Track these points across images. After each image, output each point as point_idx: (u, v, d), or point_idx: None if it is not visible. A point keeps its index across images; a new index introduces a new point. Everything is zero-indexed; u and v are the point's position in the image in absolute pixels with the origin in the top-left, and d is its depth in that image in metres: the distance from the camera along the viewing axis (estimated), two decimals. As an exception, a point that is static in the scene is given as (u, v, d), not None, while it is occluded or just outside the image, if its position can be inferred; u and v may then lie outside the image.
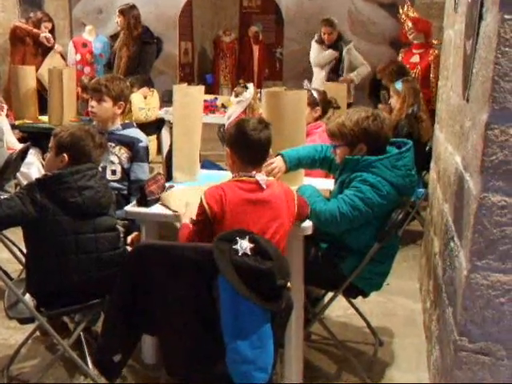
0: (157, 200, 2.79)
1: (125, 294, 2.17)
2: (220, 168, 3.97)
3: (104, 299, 2.56)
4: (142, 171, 3.39)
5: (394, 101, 4.82)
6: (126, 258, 2.34)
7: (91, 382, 2.74)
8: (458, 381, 2.06)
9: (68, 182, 2.51)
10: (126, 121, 3.68)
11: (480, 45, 2.09)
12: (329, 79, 6.28)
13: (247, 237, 2.04)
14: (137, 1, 6.50)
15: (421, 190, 4.80)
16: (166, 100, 6.87)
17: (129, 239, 3.06)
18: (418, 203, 4.86)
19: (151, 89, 6.03)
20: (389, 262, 2.89)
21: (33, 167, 4.61)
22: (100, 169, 2.93)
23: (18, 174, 4.10)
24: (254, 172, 2.39)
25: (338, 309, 3.42)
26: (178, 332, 2.11)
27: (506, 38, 1.82)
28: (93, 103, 3.40)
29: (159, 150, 6.34)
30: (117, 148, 3.35)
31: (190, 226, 2.41)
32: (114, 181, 3.31)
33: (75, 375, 2.83)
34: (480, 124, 1.97)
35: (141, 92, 5.78)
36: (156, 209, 2.75)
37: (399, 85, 4.79)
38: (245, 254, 2.00)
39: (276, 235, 2.37)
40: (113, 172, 3.35)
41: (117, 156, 3.34)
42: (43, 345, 3.07)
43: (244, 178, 2.38)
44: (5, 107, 4.87)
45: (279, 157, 2.88)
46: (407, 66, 5.80)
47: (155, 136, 6.17)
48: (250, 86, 5.16)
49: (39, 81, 5.75)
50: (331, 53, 6.47)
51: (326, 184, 3.06)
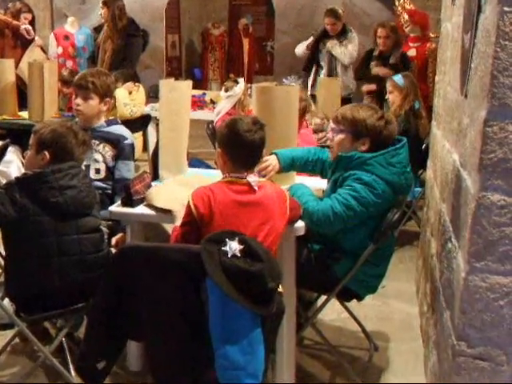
0: (142, 200, 2.78)
1: (109, 298, 2.16)
2: (209, 166, 3.96)
3: (87, 303, 2.55)
4: (128, 170, 3.38)
5: (394, 96, 4.82)
6: (111, 260, 2.33)
7: (74, 391, 2.73)
8: (456, 387, 2.07)
9: (49, 182, 2.50)
10: (111, 117, 3.67)
11: (479, 38, 2.10)
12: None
13: (236, 238, 2.04)
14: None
15: (417, 189, 4.82)
16: (153, 95, 6.84)
17: (113, 241, 3.05)
18: (415, 203, 4.89)
19: (137, 84, 6.01)
20: (384, 264, 2.90)
21: (12, 165, 4.59)
22: (83, 167, 2.92)
23: (-3, 173, 4.09)
24: (246, 173, 2.38)
25: (332, 313, 3.43)
26: (165, 337, 2.11)
27: (506, 32, 1.83)
28: (78, 101, 3.37)
29: (145, 148, 6.33)
30: (101, 146, 3.34)
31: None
32: (98, 180, 3.30)
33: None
34: (478, 120, 1.98)
35: (126, 87, 5.77)
36: (142, 209, 2.74)
37: (401, 80, 4.79)
38: (234, 256, 2.00)
39: (268, 238, 2.36)
40: (97, 171, 3.33)
41: (101, 154, 3.33)
42: (23, 352, 3.06)
43: (234, 180, 2.37)
44: None
45: (273, 155, 2.89)
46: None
47: (141, 133, 6.15)
48: (241, 81, 5.17)
49: (18, 75, 5.72)
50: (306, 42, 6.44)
51: (319, 183, 3.07)
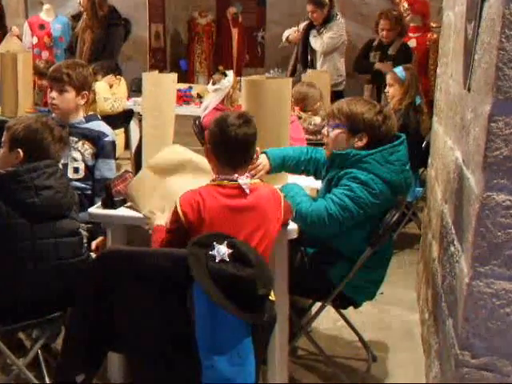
0: (124, 201, 2.77)
1: (88, 306, 2.16)
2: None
3: (65, 312, 2.54)
4: (108, 169, 3.37)
5: (394, 90, 4.83)
6: (90, 266, 2.32)
7: (50, 406, 2.72)
8: (459, 400, 2.07)
9: (24, 181, 2.48)
10: (90, 112, 3.65)
11: (483, 28, 2.11)
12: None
13: (225, 241, 2.04)
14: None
15: (418, 189, 4.83)
16: (135, 89, 6.83)
17: (93, 245, 3.04)
18: (415, 203, 4.91)
19: (118, 76, 6.00)
20: (382, 269, 2.90)
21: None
22: (61, 166, 2.91)
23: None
24: (236, 175, 2.36)
25: (327, 321, 3.43)
26: (148, 348, 2.11)
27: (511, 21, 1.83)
28: (53, 94, 3.36)
29: (127, 145, 6.32)
30: (80, 143, 3.32)
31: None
32: (77, 180, 3.29)
33: (32, 398, 2.80)
34: (482, 116, 1.98)
35: (106, 80, 5.75)
36: (123, 210, 2.73)
37: (402, 73, 4.80)
38: (222, 261, 2.00)
39: (261, 245, 2.36)
40: (75, 170, 3.32)
41: (80, 152, 3.32)
42: (-4, 364, 3.04)
43: (225, 183, 2.36)
44: None
45: (263, 155, 2.89)
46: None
47: (122, 129, 6.14)
48: (230, 74, 5.16)
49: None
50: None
51: (313, 182, 3.07)
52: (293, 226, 2.61)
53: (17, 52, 5.49)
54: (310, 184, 3.04)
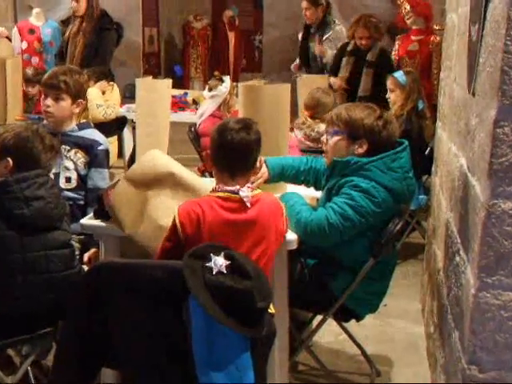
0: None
1: (80, 321, 2.15)
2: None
3: (56, 327, 2.53)
4: (102, 178, 3.36)
5: (395, 95, 4.83)
6: (82, 279, 2.32)
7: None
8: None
9: (13, 192, 2.48)
10: (82, 120, 3.65)
11: (487, 30, 2.12)
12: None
13: (222, 253, 2.04)
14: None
15: (422, 197, 4.84)
16: (128, 95, 6.85)
17: (85, 257, 3.03)
18: (419, 212, 4.91)
19: (111, 82, 6.01)
20: (386, 280, 2.90)
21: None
22: (52, 176, 2.91)
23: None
24: (238, 187, 2.35)
25: (329, 334, 3.42)
26: (143, 363, 2.10)
27: (517, 23, 1.84)
28: (48, 102, 3.33)
29: (120, 154, 6.32)
30: (72, 152, 3.32)
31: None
32: (69, 189, 3.28)
33: (23, 417, 2.79)
34: (488, 121, 1.98)
35: (98, 86, 5.76)
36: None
37: (402, 77, 4.81)
38: (220, 273, 2.00)
39: (261, 260, 2.36)
40: (67, 179, 3.31)
41: (72, 161, 3.31)
42: (-15, 382, 3.03)
43: (226, 195, 2.35)
44: None
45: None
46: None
47: (116, 137, 6.15)
48: (226, 79, 5.18)
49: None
50: None
51: (313, 191, 3.07)
52: (292, 237, 2.60)
53: (6, 55, 5.50)
54: (310, 193, 3.04)
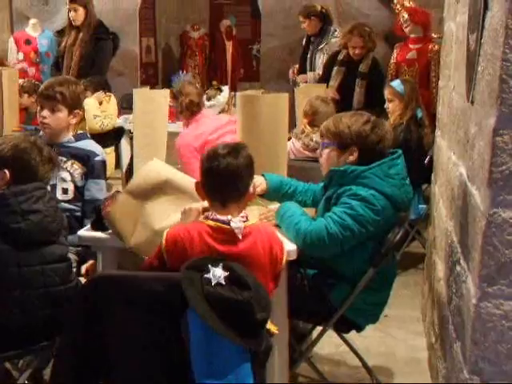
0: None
1: (77, 335, 2.14)
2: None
3: (53, 341, 2.52)
4: (99, 189, 3.36)
5: (394, 105, 4.83)
6: (80, 292, 2.31)
7: None
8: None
9: (10, 205, 2.46)
10: (79, 131, 3.65)
11: (485, 39, 2.12)
12: None
13: (221, 264, 2.03)
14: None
15: (421, 206, 4.84)
16: (125, 106, 6.84)
17: (83, 269, 3.03)
18: (419, 221, 4.91)
19: (108, 93, 6.01)
20: (386, 290, 2.90)
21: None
22: (49, 187, 2.90)
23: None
24: (230, 217, 2.24)
25: (329, 346, 3.42)
26: (139, 378, 2.10)
27: (515, 31, 1.84)
28: (45, 113, 3.33)
29: (118, 164, 6.31)
30: (69, 163, 3.32)
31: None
32: (66, 201, 3.28)
33: (20, 431, 2.78)
34: (487, 129, 1.99)
35: (95, 97, 5.76)
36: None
37: (400, 86, 4.81)
38: (218, 284, 2.00)
39: None
40: (64, 191, 3.31)
41: (69, 172, 3.31)
42: (-18, 396, 3.02)
43: (216, 225, 2.23)
44: None
45: (260, 177, 2.90)
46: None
47: (113, 148, 6.14)
48: (225, 89, 5.21)
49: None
50: None
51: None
52: (292, 247, 2.60)
53: (1, 68, 5.50)
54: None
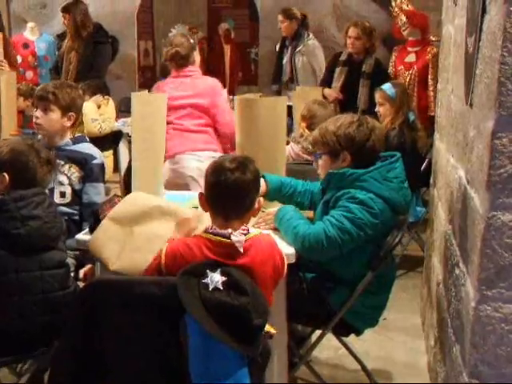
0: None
1: (75, 338, 2.13)
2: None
3: (51, 346, 2.52)
4: (97, 193, 3.35)
5: (385, 109, 4.81)
6: (78, 296, 2.30)
7: None
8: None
9: (10, 211, 2.44)
10: (78, 134, 3.65)
11: (483, 42, 2.13)
12: None
13: (219, 269, 2.03)
14: (87, -6, 6.52)
15: (420, 209, 4.84)
16: (124, 109, 6.85)
17: (81, 273, 3.02)
18: (417, 224, 4.91)
19: (106, 96, 6.02)
20: (385, 294, 2.90)
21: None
22: (47, 191, 2.89)
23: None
24: (230, 230, 2.19)
25: (328, 349, 3.42)
26: (139, 382, 2.09)
27: (513, 34, 1.85)
28: (38, 113, 3.36)
29: (116, 168, 6.31)
30: (66, 166, 3.31)
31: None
32: (63, 204, 3.27)
33: None
34: (486, 132, 1.99)
35: (93, 100, 5.77)
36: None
37: (391, 90, 4.80)
38: (216, 289, 1.99)
39: None
40: (62, 194, 3.30)
41: (66, 176, 3.30)
42: (-20, 401, 3.02)
43: (217, 240, 2.18)
44: None
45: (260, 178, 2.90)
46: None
47: (111, 151, 6.15)
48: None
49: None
50: None
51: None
52: (290, 251, 2.60)
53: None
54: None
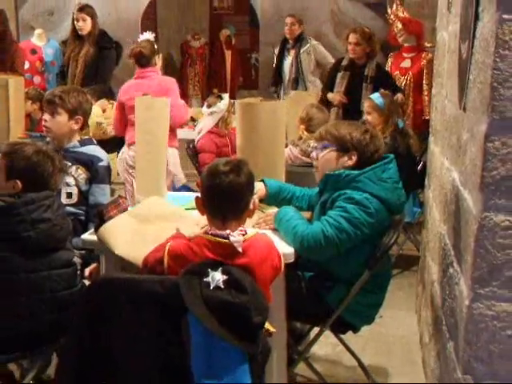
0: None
1: (81, 336, 2.13)
2: (191, 190, 3.97)
3: (58, 342, 2.52)
4: (102, 194, 3.36)
5: (373, 118, 4.76)
6: (83, 294, 2.31)
7: None
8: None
9: (20, 214, 2.44)
10: (85, 137, 3.64)
11: (476, 48, 2.13)
12: None
13: (220, 268, 2.03)
14: (93, 1, 6.50)
15: (416, 209, 4.84)
16: (128, 113, 6.83)
17: (86, 271, 3.01)
18: (413, 224, 4.92)
19: (111, 101, 6.01)
20: (381, 292, 2.90)
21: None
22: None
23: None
24: (228, 231, 2.17)
25: (326, 346, 3.41)
26: (142, 380, 2.09)
27: (505, 40, 1.85)
28: (46, 116, 3.38)
29: (121, 170, 6.30)
30: (73, 168, 3.31)
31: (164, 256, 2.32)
32: (70, 205, 3.27)
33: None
34: (479, 135, 1.99)
35: (99, 104, 5.76)
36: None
37: (379, 99, 4.77)
38: (217, 288, 1.99)
39: None
40: (68, 195, 3.30)
41: (73, 177, 3.30)
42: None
43: (216, 240, 2.17)
44: None
45: (259, 182, 2.90)
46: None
47: (116, 154, 6.14)
48: (225, 97, 5.19)
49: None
50: None
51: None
52: (289, 250, 2.60)
53: (4, 77, 5.49)
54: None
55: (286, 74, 6.89)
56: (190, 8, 11.08)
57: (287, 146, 4.36)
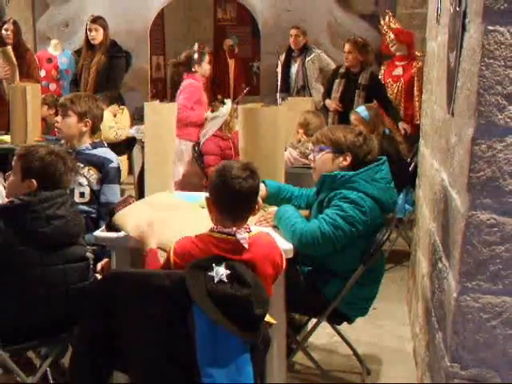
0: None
1: (94, 327, 2.14)
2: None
3: (72, 331, 2.52)
4: (113, 193, 3.37)
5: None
6: (95, 287, 2.31)
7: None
8: (451, 410, 2.06)
9: (36, 211, 2.45)
10: (96, 140, 3.65)
11: (464, 57, 2.13)
12: None
13: (223, 263, 2.03)
14: (105, 13, 6.50)
15: (408, 207, 4.84)
16: (138, 118, 6.84)
17: (98, 266, 3.01)
18: (404, 220, 4.92)
19: (121, 106, 6.02)
20: (375, 286, 2.90)
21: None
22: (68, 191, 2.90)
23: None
24: (235, 229, 2.17)
25: (323, 336, 3.41)
26: (151, 367, 2.09)
27: (490, 50, 1.85)
28: (58, 118, 3.47)
29: (130, 171, 6.31)
30: (85, 169, 3.32)
31: (159, 259, 2.31)
32: (83, 203, 3.28)
33: (41, 415, 2.77)
34: (466, 139, 1.99)
35: (110, 110, 5.77)
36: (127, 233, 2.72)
37: (365, 112, 4.75)
38: (221, 281, 2.00)
39: None
40: (81, 194, 3.32)
41: (85, 177, 3.32)
42: None
43: (222, 237, 2.17)
44: None
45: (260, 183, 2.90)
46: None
47: (126, 156, 6.14)
48: (228, 102, 5.20)
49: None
50: None
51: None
52: (288, 246, 2.60)
53: (22, 84, 5.50)
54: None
55: (293, 81, 6.88)
56: (196, 19, 11.09)
57: (287, 149, 4.36)
